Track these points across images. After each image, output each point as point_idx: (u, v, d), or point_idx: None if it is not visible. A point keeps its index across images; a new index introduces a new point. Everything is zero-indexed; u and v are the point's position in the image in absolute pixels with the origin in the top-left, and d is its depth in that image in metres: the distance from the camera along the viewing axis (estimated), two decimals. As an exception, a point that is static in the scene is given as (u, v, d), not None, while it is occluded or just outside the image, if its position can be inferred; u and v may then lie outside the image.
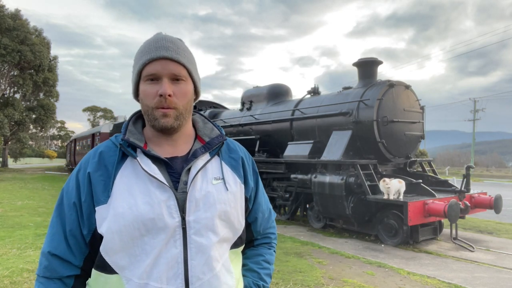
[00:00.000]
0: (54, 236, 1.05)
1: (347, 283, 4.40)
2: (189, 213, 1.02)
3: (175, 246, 0.99)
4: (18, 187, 15.98)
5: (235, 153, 1.20)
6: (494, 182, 27.89)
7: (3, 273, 4.39)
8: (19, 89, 29.81)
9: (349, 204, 6.72)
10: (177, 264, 0.99)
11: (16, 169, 33.59)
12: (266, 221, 1.29)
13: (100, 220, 1.00)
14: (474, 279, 4.68)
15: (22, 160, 51.41)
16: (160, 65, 1.03)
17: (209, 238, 1.03)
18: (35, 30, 29.64)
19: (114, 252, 0.99)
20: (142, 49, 1.07)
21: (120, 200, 1.00)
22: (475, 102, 40.68)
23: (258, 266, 1.23)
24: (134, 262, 0.99)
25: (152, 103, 1.04)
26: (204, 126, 1.20)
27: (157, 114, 1.04)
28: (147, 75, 1.04)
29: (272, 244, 1.32)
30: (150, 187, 1.01)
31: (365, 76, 7.97)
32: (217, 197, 1.07)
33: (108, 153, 1.07)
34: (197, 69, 1.15)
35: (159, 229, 0.99)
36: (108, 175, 1.03)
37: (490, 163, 69.69)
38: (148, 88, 1.04)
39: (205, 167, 1.09)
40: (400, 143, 7.50)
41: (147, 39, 1.10)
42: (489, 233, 7.69)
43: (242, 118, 10.54)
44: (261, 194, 1.27)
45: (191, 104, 1.11)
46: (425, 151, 28.22)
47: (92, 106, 72.09)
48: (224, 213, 1.07)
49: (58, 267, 1.04)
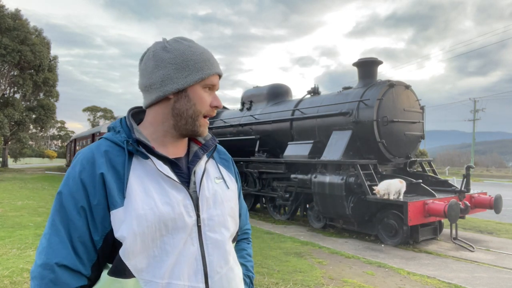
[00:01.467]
0: (58, 245, 0.95)
1: (347, 283, 4.40)
2: (202, 211, 1.06)
3: (192, 244, 1.03)
4: (18, 187, 15.98)
5: (225, 155, 1.29)
6: (494, 182, 27.90)
7: (3, 273, 4.39)
8: (19, 89, 29.81)
9: (349, 204, 6.72)
10: (196, 261, 1.03)
11: (16, 169, 33.59)
12: (245, 218, 1.37)
13: (117, 224, 0.96)
14: (474, 279, 4.68)
15: (22, 160, 51.41)
16: (217, 80, 1.14)
17: (222, 234, 1.09)
18: (35, 30, 29.64)
19: (134, 255, 0.96)
20: (205, 57, 1.11)
21: (139, 202, 0.98)
22: (475, 102, 40.69)
23: (244, 259, 1.30)
24: (153, 263, 0.98)
25: (204, 110, 1.11)
26: None
27: (202, 122, 1.12)
28: (209, 83, 1.11)
29: (249, 239, 1.40)
30: (165, 187, 1.03)
31: (365, 76, 7.97)
32: (223, 195, 1.14)
33: (113, 153, 1.03)
34: None
35: (179, 229, 1.01)
36: (119, 176, 0.99)
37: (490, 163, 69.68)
38: (206, 95, 1.11)
39: (206, 168, 1.14)
40: (400, 143, 7.50)
41: (201, 47, 1.13)
42: (489, 233, 7.69)
43: (242, 118, 10.54)
44: (240, 193, 1.35)
45: None
46: (425, 151, 28.23)
47: (92, 106, 72.10)
48: (231, 210, 1.15)
49: (67, 279, 0.94)
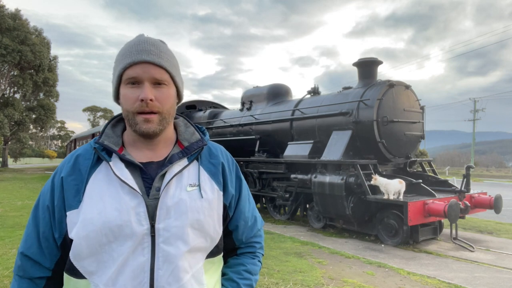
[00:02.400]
0: (28, 237, 1.05)
1: (347, 283, 4.40)
2: (159, 221, 0.99)
3: (143, 254, 0.97)
4: (18, 187, 15.99)
5: (216, 159, 1.16)
6: (494, 182, 27.90)
7: (3, 273, 4.39)
8: (19, 89, 29.84)
9: (349, 204, 6.72)
10: (143, 273, 0.96)
11: (16, 169, 33.60)
12: (249, 230, 1.23)
13: (70, 225, 0.99)
14: (474, 279, 4.68)
15: (22, 160, 51.44)
16: (141, 69, 1.00)
17: (178, 248, 0.99)
18: (35, 30, 29.66)
19: (82, 258, 0.98)
20: (123, 51, 1.04)
21: (90, 205, 0.98)
22: (475, 102, 40.69)
23: (238, 276, 1.18)
24: (102, 268, 0.97)
25: (132, 108, 1.01)
26: (186, 130, 1.17)
27: (138, 120, 1.01)
28: (127, 78, 1.01)
29: (256, 254, 1.25)
30: (121, 192, 0.99)
31: (365, 76, 7.96)
32: (190, 204, 1.03)
33: (84, 156, 1.06)
34: (180, 72, 1.12)
35: (126, 236, 0.96)
36: (81, 180, 1.02)
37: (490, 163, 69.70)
38: (128, 92, 1.01)
39: (181, 173, 1.05)
40: (400, 143, 7.50)
41: (129, 41, 1.06)
42: (489, 233, 7.69)
43: (242, 118, 10.54)
44: (244, 201, 1.22)
45: (174, 108, 1.09)
46: (425, 151, 28.23)
47: (92, 106, 72.16)
48: (197, 222, 1.03)
49: (29, 268, 1.05)
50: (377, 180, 6.35)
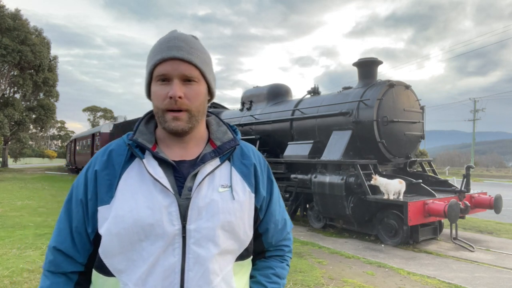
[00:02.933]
0: (61, 232, 1.05)
1: (347, 283, 4.40)
2: (190, 221, 0.97)
3: (173, 255, 0.96)
4: (18, 187, 15.98)
5: (248, 159, 1.13)
6: (494, 182, 27.90)
7: (3, 273, 4.39)
8: (19, 89, 29.84)
9: (349, 204, 6.72)
10: (174, 274, 0.95)
11: (16, 169, 33.60)
12: (279, 233, 1.21)
13: (101, 220, 0.99)
14: (474, 279, 4.68)
15: (22, 160, 51.45)
16: (171, 66, 0.99)
17: (208, 250, 0.98)
18: (35, 30, 29.64)
19: (112, 255, 0.98)
20: (155, 48, 1.03)
21: (122, 202, 0.97)
22: (475, 102, 40.69)
23: (266, 279, 1.16)
24: (132, 267, 0.96)
25: (162, 105, 1.00)
26: (218, 129, 1.15)
27: (167, 117, 1.00)
28: (158, 75, 1.00)
29: (285, 257, 1.23)
30: (153, 190, 0.98)
31: (365, 76, 7.96)
32: (222, 206, 1.01)
33: (117, 152, 1.05)
34: (212, 69, 1.09)
35: (157, 236, 0.95)
36: (114, 175, 1.01)
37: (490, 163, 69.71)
38: (158, 89, 1.00)
39: (213, 173, 1.04)
40: (400, 143, 7.50)
41: (161, 37, 1.05)
42: (489, 233, 7.69)
43: (242, 118, 10.54)
44: (275, 204, 1.20)
45: (204, 105, 1.06)
46: (425, 151, 28.23)
47: (92, 106, 72.21)
48: (228, 224, 1.01)
49: (62, 263, 1.04)
50: (377, 180, 6.35)
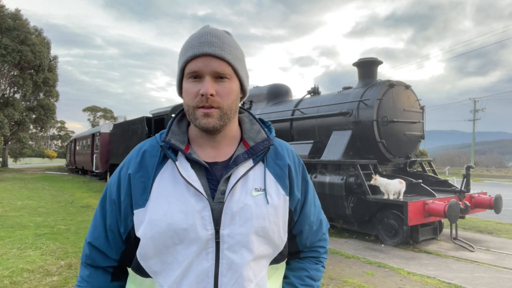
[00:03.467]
0: (96, 229, 1.07)
1: (347, 283, 4.41)
2: (223, 226, 0.95)
3: (207, 260, 0.95)
4: (18, 187, 15.97)
5: (282, 160, 1.09)
6: (494, 182, 27.89)
7: (3, 273, 4.39)
8: (19, 89, 29.83)
9: (349, 204, 6.73)
10: (207, 279, 0.94)
11: (16, 169, 33.60)
12: (314, 234, 1.18)
13: (137, 224, 0.99)
14: (474, 279, 4.68)
15: (22, 160, 51.45)
16: (203, 62, 0.96)
17: (242, 256, 0.96)
18: (35, 30, 29.63)
19: (148, 258, 0.98)
20: (187, 44, 1.00)
21: (156, 205, 0.97)
22: (475, 102, 40.70)
23: (300, 281, 1.14)
24: (167, 270, 0.97)
25: (193, 103, 0.97)
26: (251, 127, 1.11)
27: (198, 114, 0.98)
28: (189, 72, 0.98)
29: (320, 259, 1.21)
30: (186, 194, 0.96)
31: (365, 76, 7.97)
32: (256, 211, 0.98)
33: (150, 153, 1.04)
34: (245, 65, 1.06)
35: (191, 240, 0.94)
36: (148, 177, 1.00)
37: (490, 163, 69.71)
38: (190, 86, 0.98)
39: (246, 176, 1.01)
40: (400, 143, 7.50)
41: (194, 33, 1.02)
42: (489, 233, 7.69)
43: (242, 118, 10.54)
44: (309, 205, 1.16)
45: (236, 103, 1.03)
46: (425, 151, 28.22)
47: (92, 106, 72.26)
48: (262, 229, 0.99)
49: (96, 258, 1.06)
50: (377, 180, 6.35)
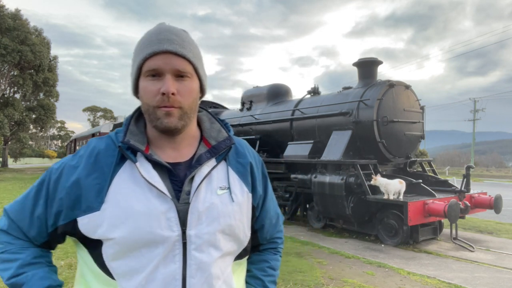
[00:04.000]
0: (24, 210, 1.00)
1: (347, 283, 4.41)
2: (190, 227, 0.93)
3: (174, 262, 0.92)
4: (18, 187, 15.97)
5: (244, 158, 1.08)
6: (494, 182, 27.89)
7: (3, 273, 4.38)
8: (19, 89, 29.85)
9: (349, 204, 6.72)
10: (175, 281, 0.92)
11: (16, 169, 33.60)
12: (273, 227, 1.21)
13: (92, 227, 0.93)
14: (474, 279, 4.68)
15: (22, 160, 51.45)
16: (163, 60, 0.93)
17: (210, 255, 0.95)
18: (35, 30, 29.65)
19: (113, 259, 0.94)
20: (143, 41, 0.97)
21: (116, 209, 0.92)
22: (475, 102, 40.69)
23: (262, 273, 1.17)
24: (130, 273, 0.93)
25: (153, 102, 0.94)
26: (211, 126, 1.09)
27: (159, 114, 0.94)
28: (148, 70, 0.94)
29: (278, 249, 1.25)
30: (149, 195, 0.93)
31: (365, 76, 7.96)
32: (222, 209, 0.98)
33: (106, 153, 0.98)
34: (203, 64, 1.04)
35: (157, 243, 0.92)
36: (104, 179, 0.94)
37: (490, 163, 69.72)
38: (149, 85, 0.94)
39: (210, 175, 0.99)
40: (400, 143, 7.50)
41: (149, 30, 0.99)
42: (489, 233, 7.69)
43: (242, 118, 10.54)
44: (269, 200, 1.18)
45: (196, 103, 1.01)
46: (425, 151, 28.21)
47: (92, 106, 72.26)
48: (228, 227, 0.98)
49: (19, 233, 1.00)
50: (377, 180, 6.35)
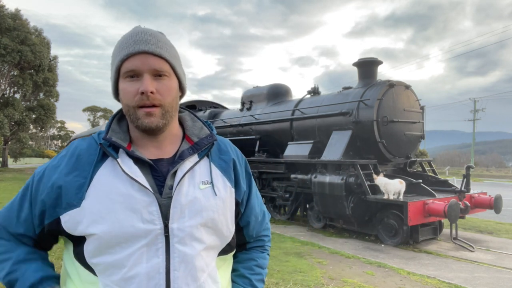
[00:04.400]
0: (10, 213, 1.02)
1: (347, 283, 4.40)
2: (172, 220, 0.94)
3: (157, 255, 0.93)
4: (18, 187, 15.98)
5: (226, 155, 1.11)
6: (494, 182, 27.89)
7: (3, 273, 4.38)
8: (19, 89, 29.87)
9: (349, 204, 6.72)
10: (158, 275, 0.92)
11: (16, 169, 33.60)
12: (259, 225, 1.22)
13: (73, 224, 0.94)
14: (474, 279, 4.68)
15: (22, 160, 51.42)
16: (140, 60, 0.94)
17: (193, 247, 0.96)
18: (35, 30, 29.67)
19: (93, 256, 0.94)
20: (120, 43, 0.98)
21: (97, 204, 0.93)
22: (475, 102, 40.69)
23: (249, 271, 1.17)
24: (111, 269, 0.93)
25: (133, 102, 0.95)
26: (193, 125, 1.12)
27: (139, 114, 0.96)
28: (126, 71, 0.96)
29: (265, 247, 1.25)
30: (131, 190, 0.94)
31: (365, 76, 7.96)
32: (204, 203, 0.99)
33: (87, 152, 1.00)
34: (181, 64, 1.06)
35: (139, 237, 0.92)
36: (85, 176, 0.96)
37: (490, 163, 69.72)
38: (127, 86, 0.96)
39: (193, 170, 1.01)
40: (400, 143, 7.50)
41: (125, 33, 1.01)
42: (489, 233, 7.69)
43: (242, 118, 10.54)
44: (254, 197, 1.19)
45: (176, 101, 1.03)
46: (425, 151, 28.21)
47: (92, 106, 72.20)
48: (211, 221, 1.00)
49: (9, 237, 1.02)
50: (377, 179, 6.34)
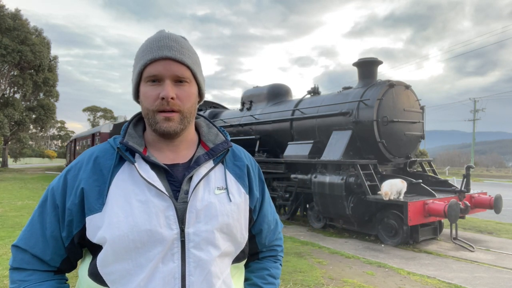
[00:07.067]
0: (33, 235, 1.00)
1: (347, 283, 4.40)
2: (188, 225, 0.95)
3: (173, 260, 0.93)
4: (18, 187, 15.98)
5: (240, 161, 1.12)
6: (494, 182, 27.88)
7: (3, 273, 4.39)
8: (19, 89, 29.87)
9: (349, 204, 6.72)
10: (174, 280, 0.93)
11: (16, 169, 33.59)
12: (272, 233, 1.22)
13: (93, 229, 0.95)
14: (474, 279, 4.68)
15: (22, 160, 51.44)
16: (163, 66, 0.97)
17: (209, 253, 0.97)
18: (35, 30, 29.64)
19: (107, 264, 0.94)
20: (144, 47, 1.00)
21: (116, 208, 0.94)
22: (475, 102, 40.69)
23: (262, 281, 1.17)
24: (127, 276, 0.93)
25: (153, 106, 0.97)
26: (209, 131, 1.13)
27: (158, 118, 0.98)
28: (148, 76, 0.98)
29: (278, 257, 1.25)
30: (148, 195, 0.95)
31: (365, 76, 7.96)
32: (220, 208, 1.00)
33: (104, 157, 1.01)
34: (202, 70, 1.08)
35: (156, 241, 0.93)
36: (104, 181, 0.97)
37: (490, 163, 69.69)
38: (149, 90, 0.98)
39: (208, 176, 1.02)
40: (400, 143, 7.50)
41: (150, 37, 1.03)
42: (489, 233, 7.69)
43: (242, 118, 10.54)
44: (267, 205, 1.19)
45: (195, 107, 1.04)
46: (425, 151, 28.21)
47: (92, 106, 72.26)
48: (226, 226, 1.00)
49: (33, 264, 1.00)
50: (388, 192, 6.11)
